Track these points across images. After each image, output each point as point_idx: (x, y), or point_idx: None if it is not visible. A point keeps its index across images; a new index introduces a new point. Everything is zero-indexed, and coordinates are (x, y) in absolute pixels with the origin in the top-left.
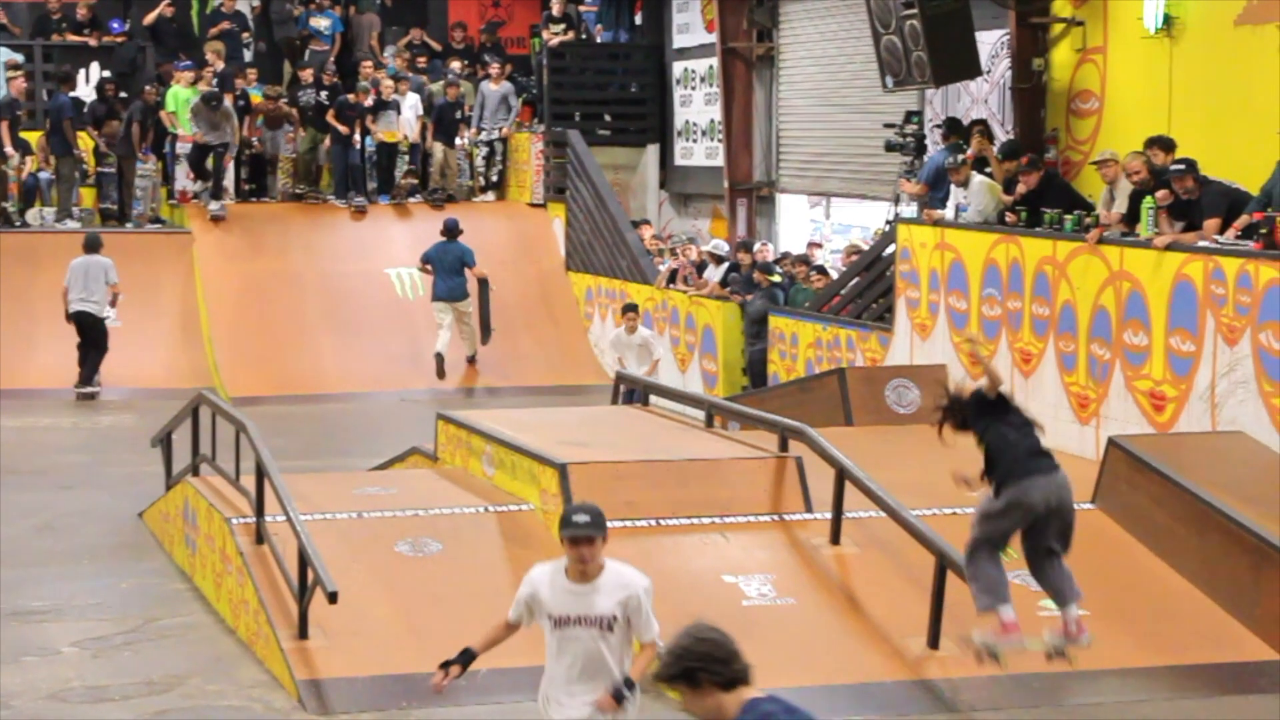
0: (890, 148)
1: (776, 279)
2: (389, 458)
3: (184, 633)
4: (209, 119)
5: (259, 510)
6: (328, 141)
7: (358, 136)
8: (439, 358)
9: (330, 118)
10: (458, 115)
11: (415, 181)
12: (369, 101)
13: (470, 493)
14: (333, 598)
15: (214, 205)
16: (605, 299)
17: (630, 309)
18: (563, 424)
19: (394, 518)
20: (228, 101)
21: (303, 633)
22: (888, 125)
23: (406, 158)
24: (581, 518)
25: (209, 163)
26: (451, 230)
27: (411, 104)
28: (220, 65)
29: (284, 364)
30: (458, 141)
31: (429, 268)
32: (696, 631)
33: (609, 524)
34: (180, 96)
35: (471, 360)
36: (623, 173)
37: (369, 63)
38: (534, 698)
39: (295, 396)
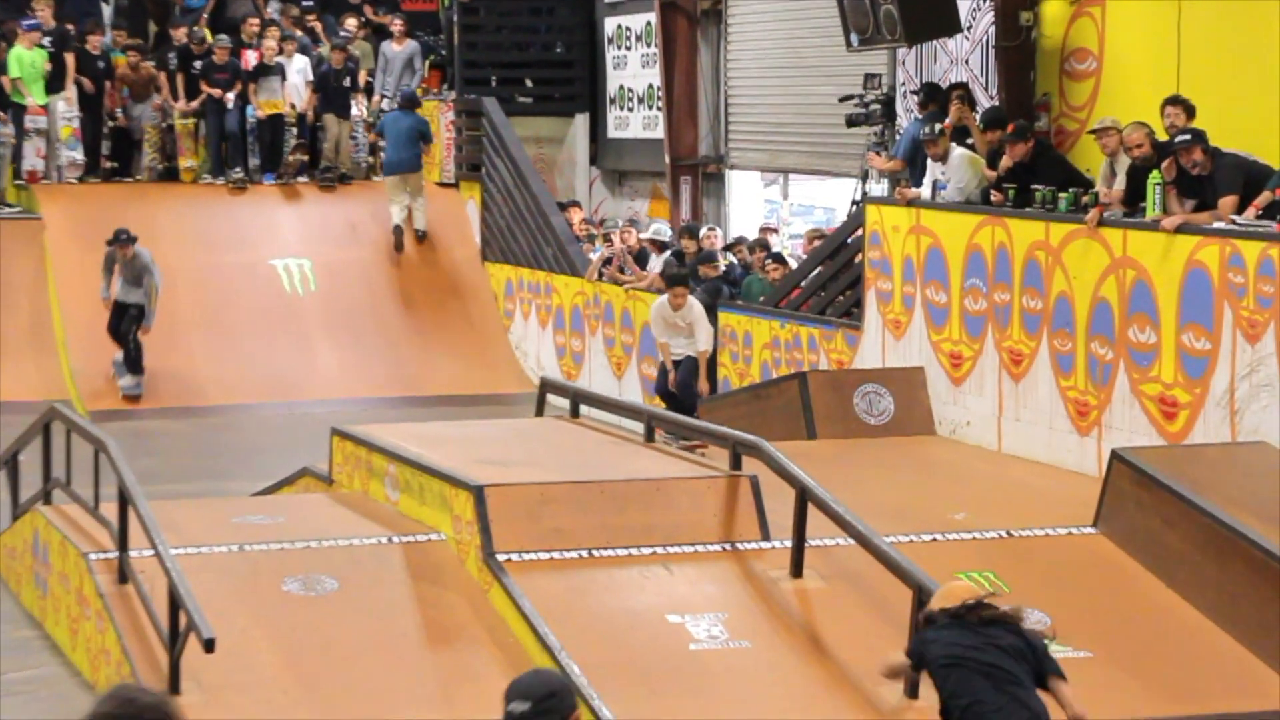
0: (853, 123)
1: (720, 270)
2: (275, 481)
3: (34, 688)
4: (127, 271)
5: (122, 544)
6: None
7: (231, 96)
8: (397, 230)
9: (204, 85)
10: (347, 82)
11: (305, 159)
12: (250, 65)
13: (371, 521)
14: (209, 645)
15: (126, 381)
16: (528, 293)
17: (679, 280)
18: (479, 439)
19: (282, 551)
20: (146, 254)
21: (174, 687)
22: (844, 99)
23: (294, 131)
24: (518, 708)
25: (127, 329)
26: (410, 100)
27: (299, 69)
28: (53, 22)
29: (151, 372)
30: (354, 112)
31: (382, 140)
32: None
33: (532, 554)
34: (24, 59)
35: (422, 237)
36: (547, 147)
37: (255, 20)
38: None
39: (165, 410)
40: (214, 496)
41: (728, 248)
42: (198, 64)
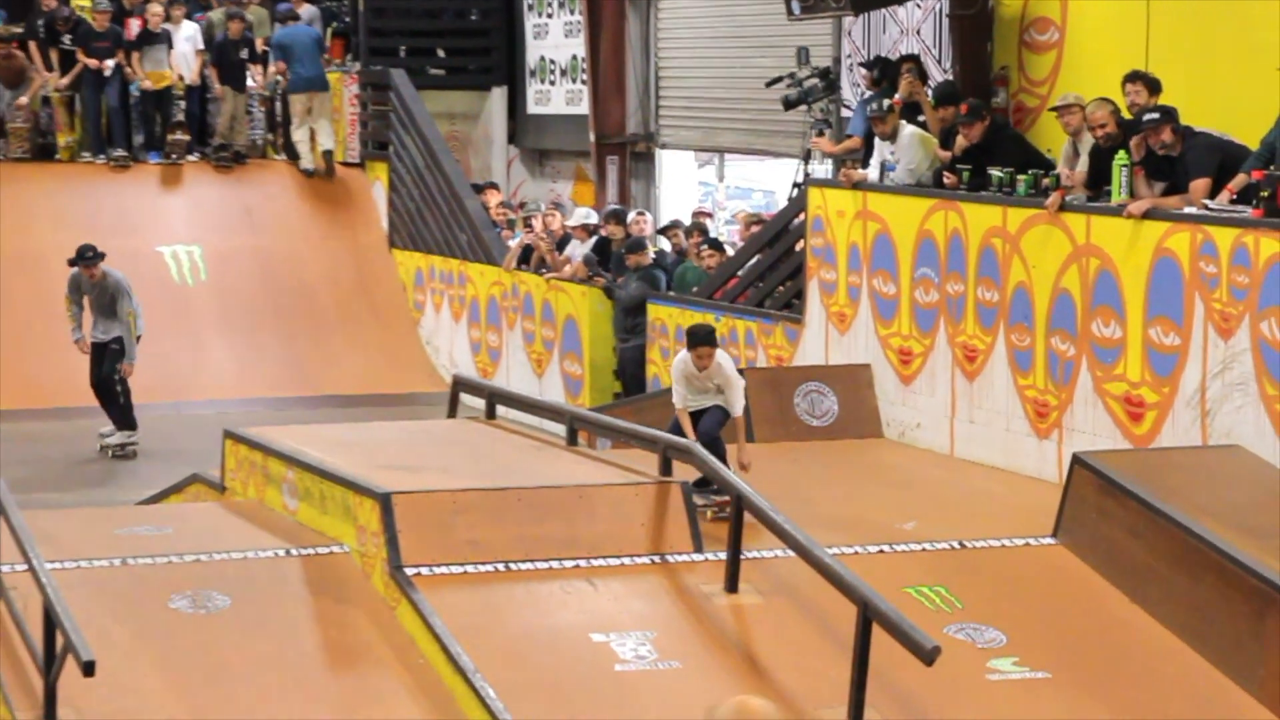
0: (791, 104)
1: (650, 258)
2: (162, 488)
3: None
4: (97, 299)
5: None
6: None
7: (110, 64)
8: (294, 153)
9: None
10: (245, 54)
11: (186, 138)
12: (134, 33)
13: (267, 532)
14: (88, 668)
15: (116, 439)
16: (440, 284)
17: (703, 340)
18: (386, 443)
19: (169, 565)
20: (118, 275)
21: (50, 714)
22: (772, 82)
23: (182, 105)
24: None
25: (109, 372)
26: (290, 15)
27: (188, 36)
28: None
29: (24, 370)
30: (249, 84)
31: (281, 66)
32: None
33: (444, 568)
34: None
35: (328, 158)
36: (461, 123)
37: None
38: None
39: (40, 411)
40: (94, 506)
41: (663, 231)
42: (67, 38)
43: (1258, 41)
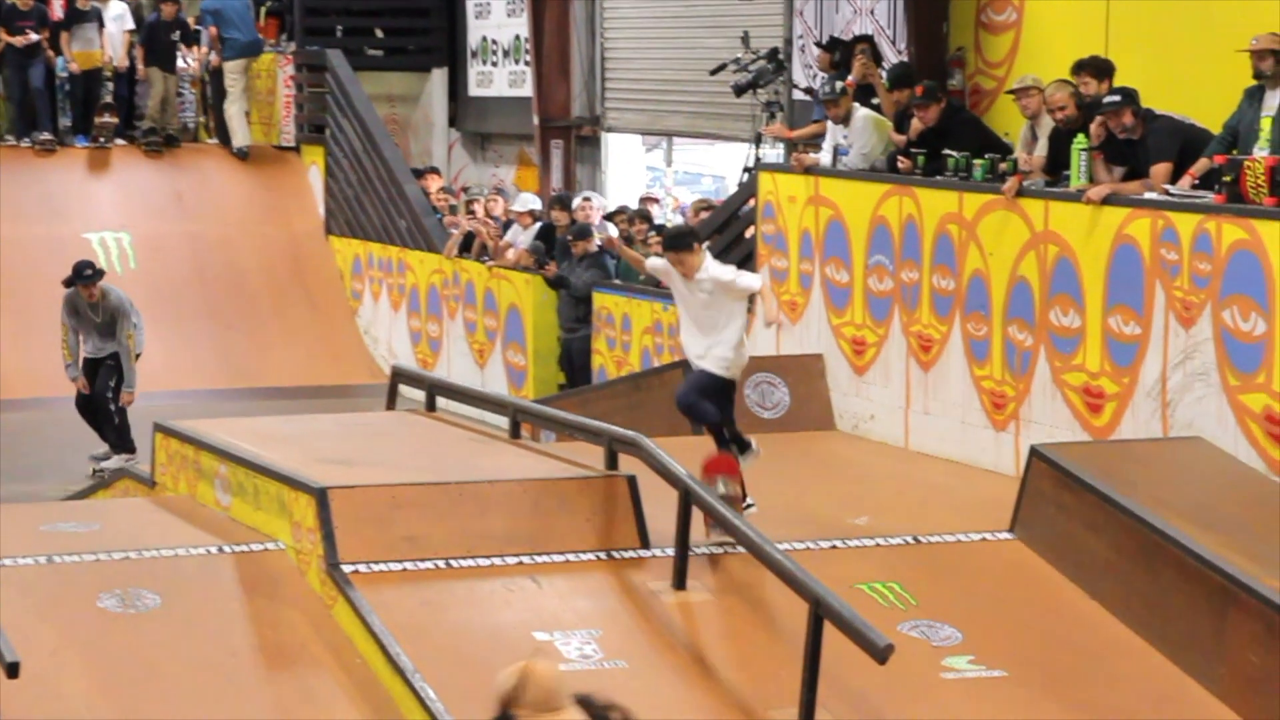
0: (741, 90)
1: (596, 245)
2: (90, 484)
3: None
4: (96, 320)
5: None
6: None
7: (33, 36)
8: (225, 134)
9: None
10: (176, 36)
11: (114, 121)
12: (58, 13)
13: (198, 528)
14: (12, 670)
15: (113, 462)
16: (378, 272)
17: (672, 245)
18: (323, 436)
19: (96, 563)
20: (119, 291)
21: None
22: (716, 70)
23: (110, 87)
24: None
25: (101, 389)
26: None
27: (116, 15)
28: None
29: None
30: (179, 65)
31: (215, 32)
32: None
33: (382, 565)
34: None
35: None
36: (400, 106)
37: None
38: None
39: None
40: (18, 502)
41: (609, 217)
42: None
43: (1219, 23)
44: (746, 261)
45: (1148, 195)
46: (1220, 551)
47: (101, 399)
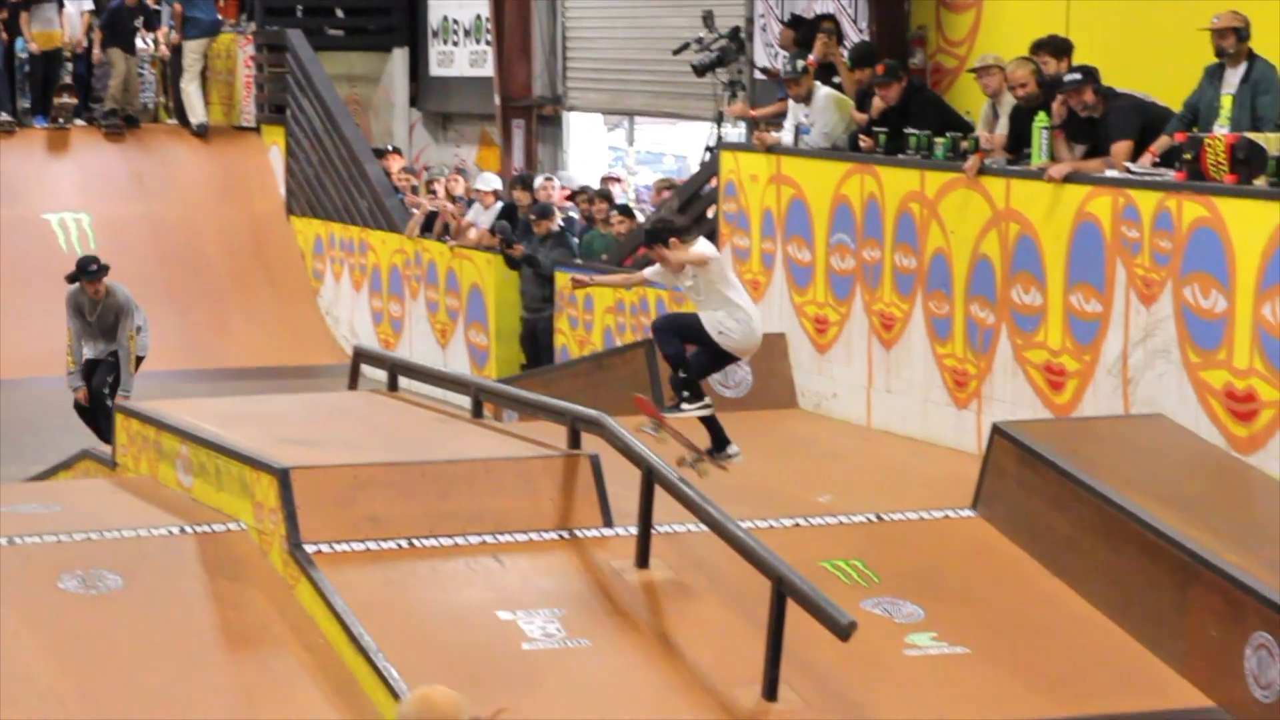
0: (702, 71)
1: (558, 225)
2: (50, 465)
3: None
4: (98, 319)
5: None
6: None
7: None
8: (183, 113)
9: None
10: (138, 23)
11: (74, 101)
12: None
13: (160, 509)
14: None
15: None
16: (340, 252)
17: (647, 242)
18: (285, 416)
19: (58, 544)
20: (124, 289)
21: None
22: (679, 50)
23: (69, 68)
24: None
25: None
26: None
27: None
28: None
29: None
30: (139, 46)
31: (179, 9)
32: None
33: (345, 545)
34: None
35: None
36: (361, 86)
37: None
38: None
39: None
40: None
41: (572, 196)
42: None
43: (1180, 2)
44: (709, 241)
45: (1109, 173)
46: (1181, 528)
47: (99, 395)
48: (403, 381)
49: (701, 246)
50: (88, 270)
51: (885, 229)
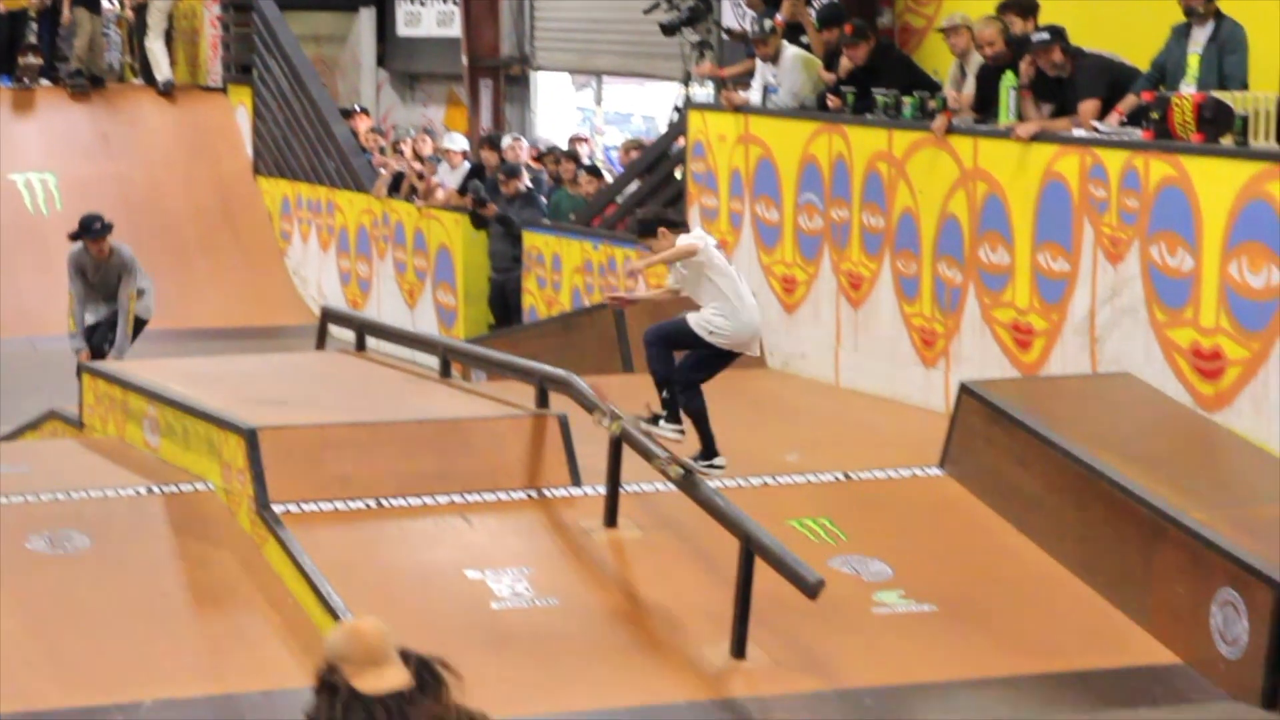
0: (670, 30)
1: (526, 185)
2: (17, 426)
3: None
4: (100, 280)
5: None
6: None
7: None
8: (149, 71)
9: None
10: None
11: (39, 62)
12: None
13: (128, 469)
14: None
15: None
16: (307, 212)
17: (640, 233)
18: (253, 376)
19: (25, 504)
20: (127, 251)
21: None
22: (649, 10)
23: (34, 28)
24: None
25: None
26: None
27: None
28: None
29: None
30: (105, 6)
31: None
32: None
33: (313, 505)
34: None
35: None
36: (328, 46)
37: None
38: None
39: None
40: None
41: (540, 158)
42: None
43: None
44: (676, 201)
45: (1076, 132)
46: (1148, 485)
47: (102, 356)
48: (370, 342)
49: (686, 238)
50: (91, 229)
51: (853, 189)
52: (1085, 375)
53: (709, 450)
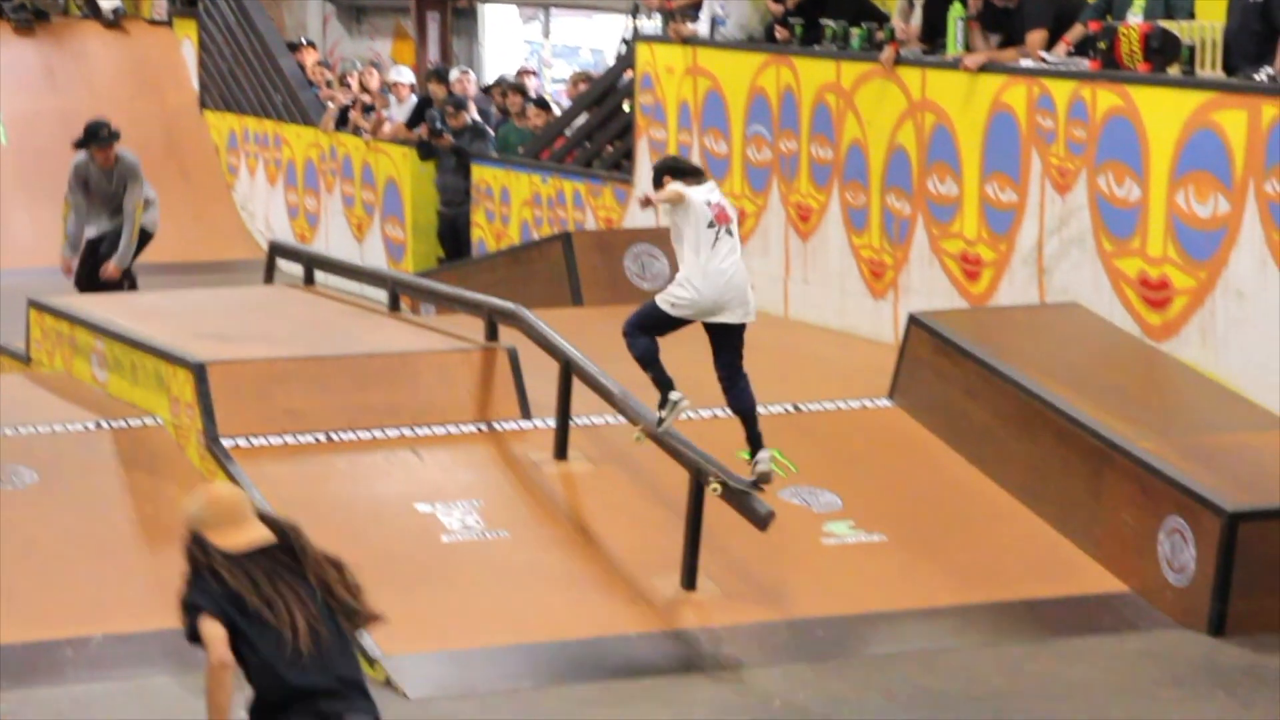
0: None
1: (472, 118)
2: None
3: None
4: (101, 189)
5: None
6: None
7: None
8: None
9: None
10: None
11: None
12: None
13: (76, 404)
14: None
15: None
16: (255, 146)
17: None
18: (200, 311)
19: None
20: (131, 157)
21: None
22: None
23: None
24: None
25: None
26: None
27: None
28: None
29: None
30: None
31: None
32: None
33: (263, 439)
34: None
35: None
36: None
37: None
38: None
39: None
40: None
41: (487, 90)
42: None
43: None
44: (625, 134)
45: (1024, 63)
46: (1096, 415)
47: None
48: (319, 276)
49: (671, 189)
50: (98, 135)
51: (801, 120)
52: (1033, 306)
53: (663, 400)
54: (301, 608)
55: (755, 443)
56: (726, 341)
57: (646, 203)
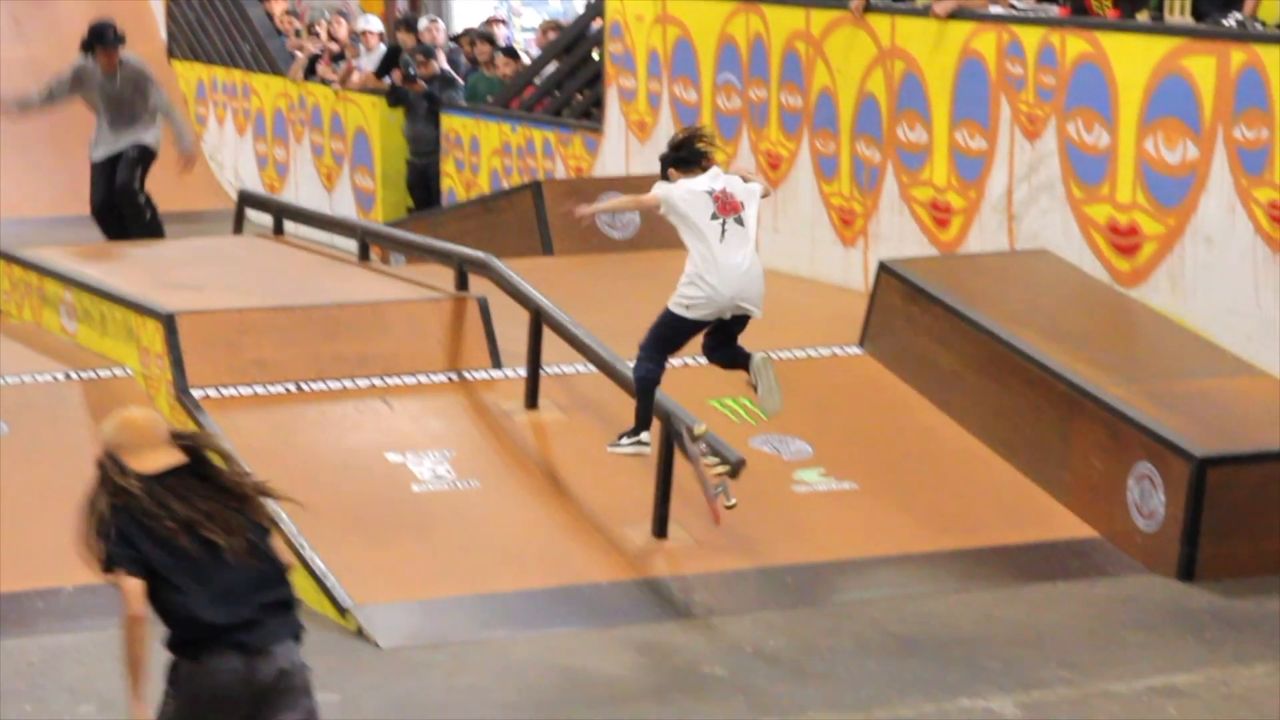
0: None
1: (441, 67)
2: None
3: None
4: (107, 95)
5: None
6: None
7: None
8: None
9: None
10: None
11: None
12: None
13: (45, 355)
14: None
15: None
16: (223, 95)
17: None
18: (169, 261)
19: None
20: (138, 61)
21: None
22: None
23: None
24: None
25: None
26: None
27: None
28: None
29: None
30: None
31: None
32: None
33: (232, 389)
34: None
35: None
36: None
37: None
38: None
39: None
40: None
41: (456, 39)
42: None
43: None
44: (594, 83)
45: (993, 9)
46: (1065, 361)
47: (126, 195)
48: (288, 226)
49: (662, 187)
50: (104, 37)
51: (771, 68)
52: (1003, 252)
53: (640, 428)
54: (223, 524)
55: (746, 359)
56: (728, 332)
57: (582, 216)
